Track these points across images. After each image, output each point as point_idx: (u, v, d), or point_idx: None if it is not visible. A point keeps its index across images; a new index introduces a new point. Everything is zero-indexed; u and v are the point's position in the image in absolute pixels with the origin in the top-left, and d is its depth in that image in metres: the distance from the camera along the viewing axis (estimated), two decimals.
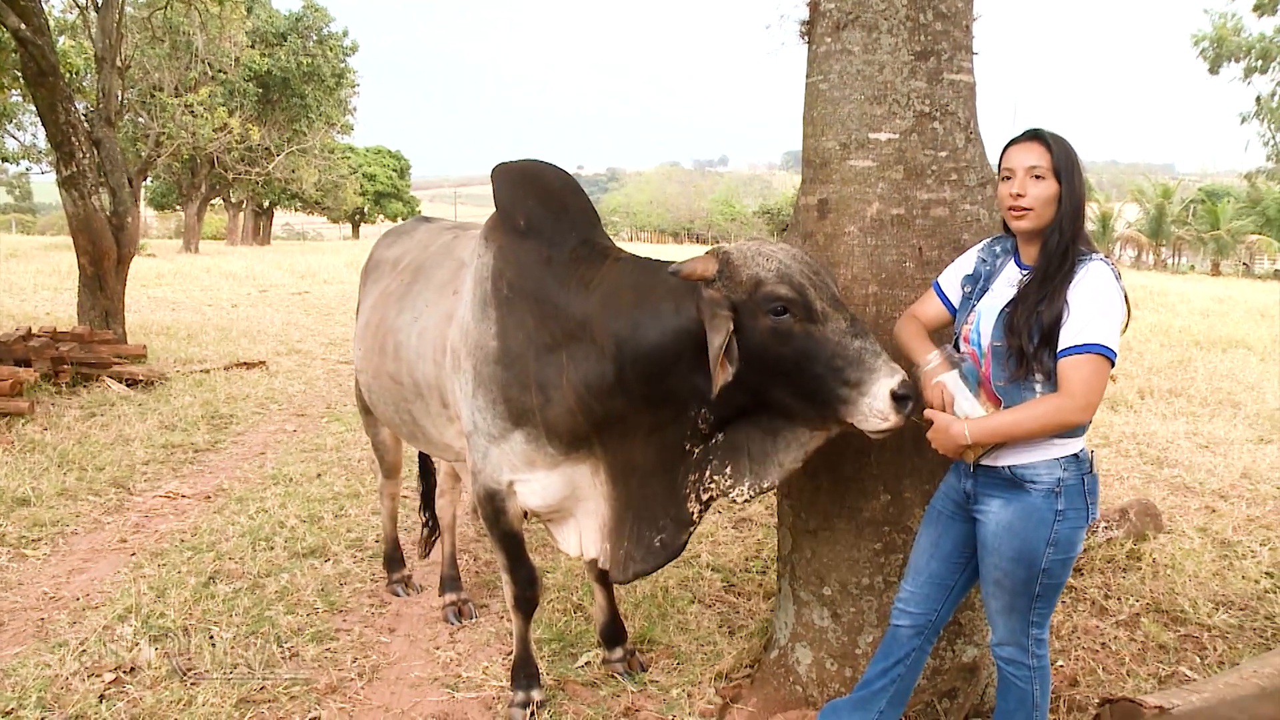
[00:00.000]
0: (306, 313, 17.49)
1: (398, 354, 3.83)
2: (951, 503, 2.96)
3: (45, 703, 3.56)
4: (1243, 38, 29.80)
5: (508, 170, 3.54)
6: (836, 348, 2.77)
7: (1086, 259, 2.67)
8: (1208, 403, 9.70)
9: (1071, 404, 2.59)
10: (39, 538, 5.29)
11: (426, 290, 3.81)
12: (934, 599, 3.02)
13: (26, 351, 8.79)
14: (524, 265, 3.33)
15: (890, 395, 2.71)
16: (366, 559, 5.12)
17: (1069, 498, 2.72)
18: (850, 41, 3.32)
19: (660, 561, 3.26)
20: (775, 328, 2.81)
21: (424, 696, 3.77)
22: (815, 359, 2.79)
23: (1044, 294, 2.65)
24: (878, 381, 2.72)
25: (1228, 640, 4.32)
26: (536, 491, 3.41)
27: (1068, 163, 2.69)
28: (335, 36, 37.26)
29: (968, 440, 2.70)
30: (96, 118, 11.18)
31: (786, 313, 2.80)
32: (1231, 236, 44.38)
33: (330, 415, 8.73)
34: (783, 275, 2.83)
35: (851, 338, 2.78)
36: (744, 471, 3.06)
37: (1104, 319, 2.60)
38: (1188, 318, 17.00)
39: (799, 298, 2.80)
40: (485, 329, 3.35)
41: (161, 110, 22.97)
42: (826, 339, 2.79)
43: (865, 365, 2.74)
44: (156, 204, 47.98)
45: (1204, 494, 6.58)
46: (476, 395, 3.37)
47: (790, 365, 2.82)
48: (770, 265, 2.86)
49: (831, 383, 2.78)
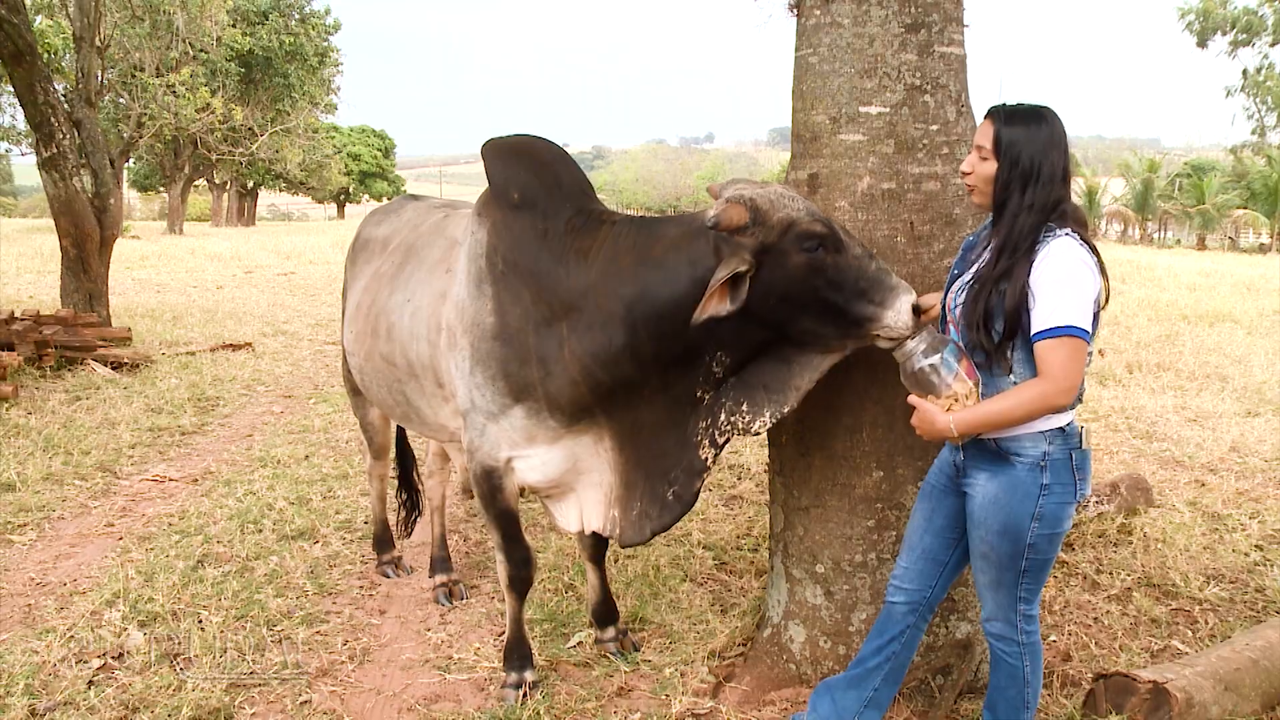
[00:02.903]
0: (292, 293, 17.40)
1: (390, 335, 3.80)
2: (945, 477, 2.95)
3: (33, 689, 3.52)
4: (1229, 10, 29.81)
5: (499, 145, 3.52)
6: (860, 272, 2.96)
7: (1050, 236, 2.64)
8: (1196, 377, 9.72)
9: (1054, 388, 2.58)
10: (25, 523, 5.24)
11: (419, 270, 3.78)
12: (929, 575, 3.01)
13: (9, 335, 8.70)
14: (518, 239, 3.32)
15: (911, 308, 2.93)
16: (356, 541, 5.09)
17: (1055, 472, 2.71)
18: (840, 14, 3.28)
19: (677, 515, 3.35)
20: (810, 262, 2.95)
21: (415, 678, 3.75)
22: (844, 285, 2.96)
23: (999, 273, 2.65)
24: (899, 297, 2.93)
25: (1219, 613, 4.33)
26: (536, 467, 3.41)
27: (1014, 144, 2.67)
28: (317, 15, 36.96)
29: (954, 434, 2.68)
30: (76, 98, 11.02)
31: (820, 247, 2.93)
32: (1217, 211, 44.49)
33: (317, 396, 8.68)
34: (813, 214, 2.99)
35: (869, 261, 2.99)
36: (761, 404, 3.18)
37: (1071, 298, 2.58)
38: (1175, 292, 17.04)
39: (830, 232, 2.96)
40: (481, 305, 3.33)
41: (143, 90, 22.67)
42: (851, 265, 2.96)
43: (886, 285, 2.95)
44: (140, 185, 47.67)
45: (1193, 468, 6.59)
46: (475, 372, 3.35)
47: (823, 293, 2.96)
48: (798, 206, 3.00)
49: (858, 303, 2.95)
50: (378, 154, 60.02)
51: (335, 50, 38.44)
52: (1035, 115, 2.70)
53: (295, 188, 48.28)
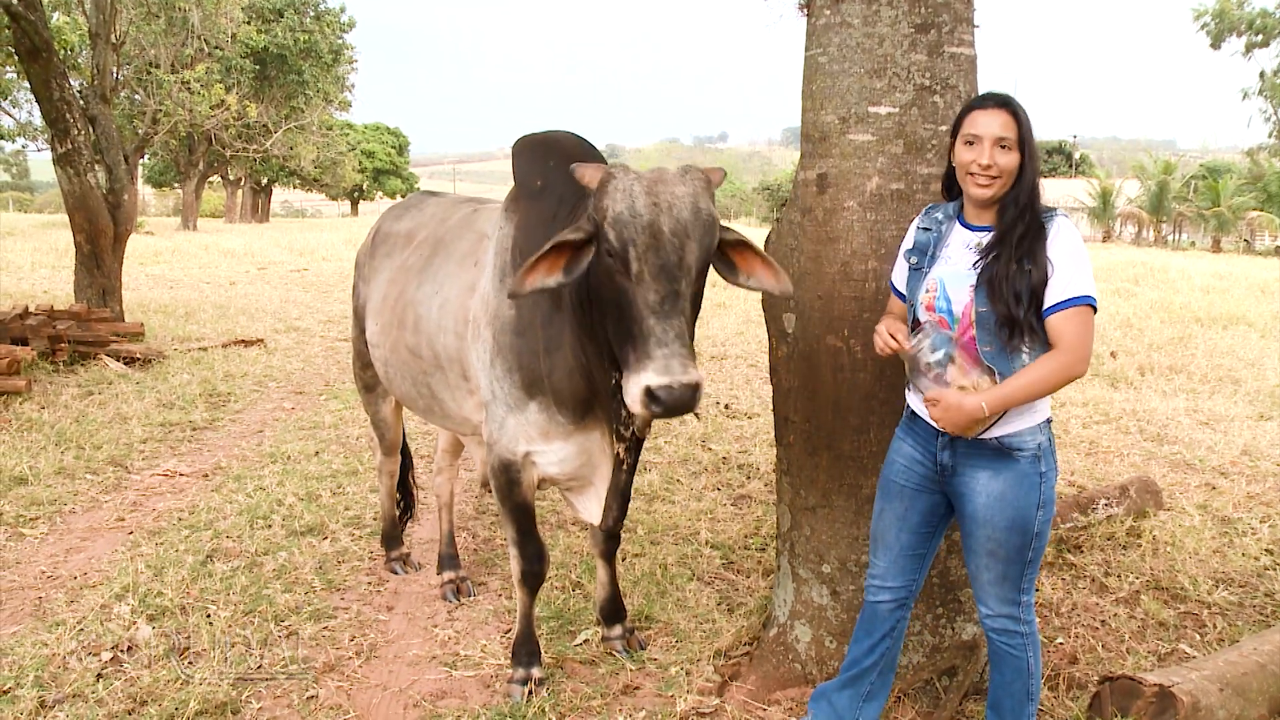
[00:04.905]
0: (305, 290, 17.45)
1: (418, 327, 3.82)
2: (917, 476, 2.95)
3: (43, 681, 3.55)
4: (1244, 12, 29.61)
5: (527, 140, 3.60)
6: (634, 316, 2.70)
7: (1051, 216, 2.75)
8: (1208, 379, 9.67)
9: (1073, 358, 2.65)
10: (37, 516, 5.28)
11: (448, 263, 3.81)
12: (910, 570, 3.04)
13: (24, 330, 8.76)
14: (533, 230, 3.34)
15: (645, 390, 2.63)
16: (364, 537, 5.11)
17: (1047, 459, 2.82)
18: (850, 14, 3.28)
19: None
20: (606, 269, 2.79)
21: (422, 675, 3.76)
22: (620, 314, 2.76)
23: (1021, 254, 2.69)
24: (644, 370, 2.64)
25: (1227, 617, 4.31)
26: (554, 462, 3.45)
27: (1030, 133, 2.75)
28: (332, 12, 37.06)
29: (986, 413, 2.69)
30: (91, 94, 11.10)
31: (610, 256, 2.76)
32: (1232, 213, 44.15)
33: (328, 393, 8.71)
34: (619, 219, 2.71)
35: (652, 314, 2.67)
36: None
37: (1084, 271, 2.69)
38: (1188, 294, 16.93)
39: (619, 249, 2.72)
40: (503, 298, 3.36)
41: (158, 87, 22.77)
42: (631, 301, 2.70)
43: (644, 348, 2.66)
44: (155, 182, 47.88)
45: (1204, 471, 6.56)
46: (495, 364, 3.39)
47: (611, 306, 2.81)
48: (621, 204, 2.73)
49: (618, 345, 2.79)
50: (392, 151, 60.17)
51: (350, 47, 38.55)
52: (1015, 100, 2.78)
53: (309, 184, 48.45)
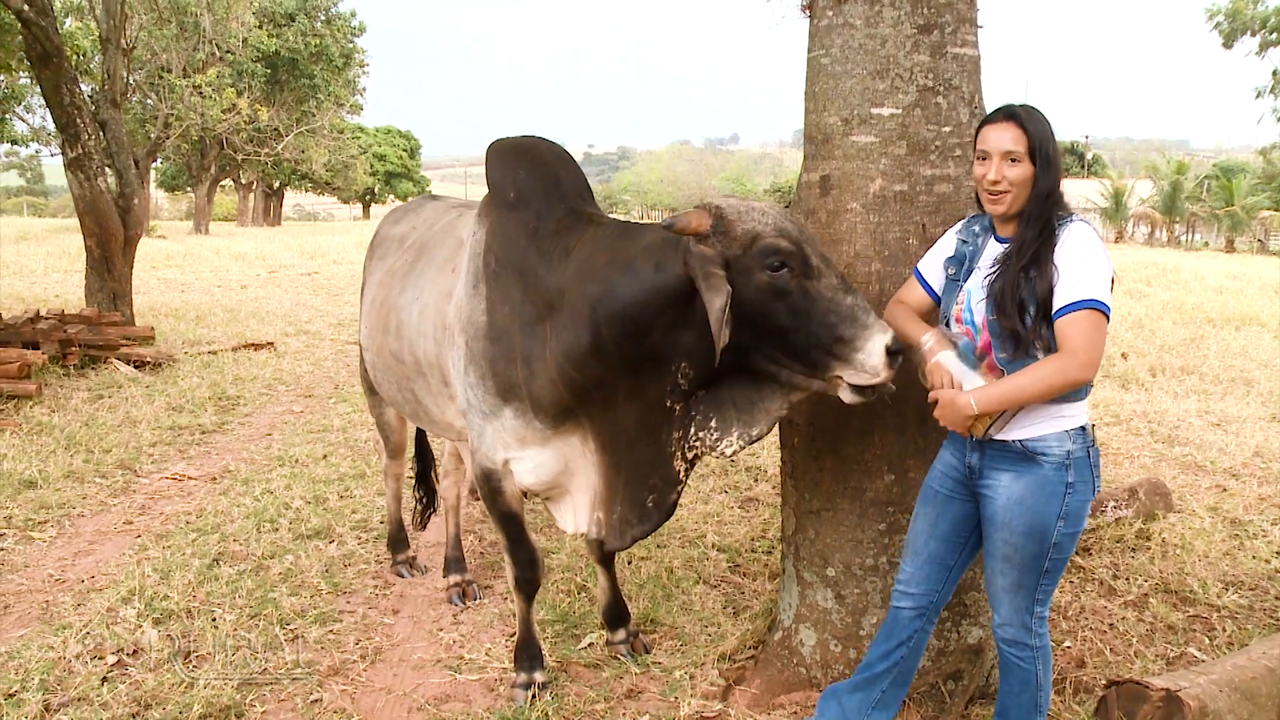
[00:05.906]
0: (315, 293, 17.51)
1: (400, 332, 3.82)
2: (951, 481, 2.93)
3: (48, 685, 3.56)
4: (1257, 10, 29.46)
5: (500, 146, 3.55)
6: (831, 303, 2.76)
7: (1066, 221, 2.68)
8: (1220, 380, 9.61)
9: (1074, 361, 2.57)
10: (45, 520, 5.30)
11: (429, 269, 3.80)
12: (935, 579, 2.99)
13: (34, 334, 8.81)
14: (510, 238, 3.32)
15: (885, 350, 2.72)
16: (371, 540, 5.11)
17: (1078, 470, 2.72)
18: (852, 15, 3.27)
19: (656, 522, 3.25)
20: (772, 283, 2.79)
21: (426, 678, 3.76)
22: (810, 315, 2.78)
23: (1025, 262, 2.65)
24: (872, 338, 2.73)
25: (1237, 621, 4.28)
26: (530, 470, 3.38)
27: (1042, 141, 2.68)
28: (343, 17, 37.22)
29: (974, 410, 2.67)
30: (102, 99, 11.15)
31: (784, 267, 2.77)
32: (1246, 213, 43.94)
33: (337, 396, 8.73)
34: (780, 229, 2.80)
35: (844, 294, 2.78)
36: (730, 423, 3.05)
37: (1093, 275, 2.60)
38: (1201, 295, 16.83)
39: (797, 251, 2.78)
40: (476, 304, 3.34)
41: (169, 91, 22.90)
42: (821, 294, 2.77)
43: (859, 321, 2.75)
44: (167, 185, 48.08)
45: (1215, 473, 6.52)
46: (468, 371, 3.36)
47: (785, 321, 2.80)
48: (766, 220, 2.82)
49: (825, 339, 2.77)
50: (403, 154, 60.35)
51: (361, 51, 38.71)
52: (1032, 109, 2.74)
53: (321, 188, 48.59)
